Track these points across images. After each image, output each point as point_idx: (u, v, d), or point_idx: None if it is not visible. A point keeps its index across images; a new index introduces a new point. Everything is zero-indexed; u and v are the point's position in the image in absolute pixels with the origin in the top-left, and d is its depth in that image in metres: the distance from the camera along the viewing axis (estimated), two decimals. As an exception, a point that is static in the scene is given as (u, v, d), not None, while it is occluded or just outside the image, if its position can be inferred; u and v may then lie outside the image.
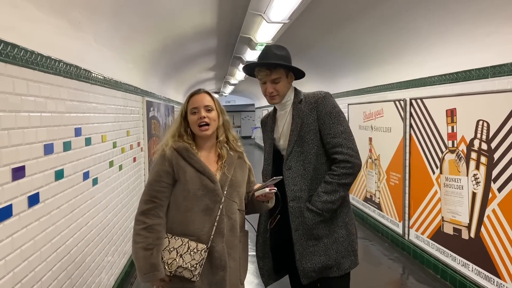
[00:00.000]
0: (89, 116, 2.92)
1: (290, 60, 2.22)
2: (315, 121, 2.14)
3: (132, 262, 4.03)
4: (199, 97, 1.99)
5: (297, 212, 2.12)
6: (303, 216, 2.10)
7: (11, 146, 1.86)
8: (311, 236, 2.11)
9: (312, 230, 2.10)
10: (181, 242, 1.86)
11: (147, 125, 5.13)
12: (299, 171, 2.14)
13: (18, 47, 1.91)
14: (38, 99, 2.13)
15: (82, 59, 2.82)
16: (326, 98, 2.17)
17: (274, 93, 2.19)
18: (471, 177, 3.34)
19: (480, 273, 3.25)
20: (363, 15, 4.09)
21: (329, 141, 2.12)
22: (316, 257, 2.10)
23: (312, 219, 2.10)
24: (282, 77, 2.17)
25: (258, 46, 5.43)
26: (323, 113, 2.13)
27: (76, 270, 2.60)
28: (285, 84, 2.20)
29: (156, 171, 1.93)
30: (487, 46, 3.15)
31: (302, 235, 2.11)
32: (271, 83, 2.18)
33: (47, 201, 2.22)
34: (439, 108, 3.76)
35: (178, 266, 1.84)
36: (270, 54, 2.16)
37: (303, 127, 2.14)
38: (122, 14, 3.25)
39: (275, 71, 2.15)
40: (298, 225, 2.11)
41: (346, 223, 2.17)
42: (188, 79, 9.69)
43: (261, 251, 2.28)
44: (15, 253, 1.87)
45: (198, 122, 1.94)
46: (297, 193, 2.13)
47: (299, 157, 2.14)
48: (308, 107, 2.17)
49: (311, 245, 2.11)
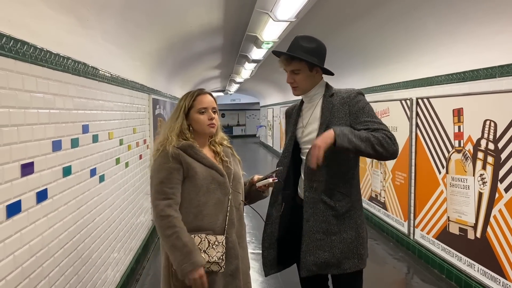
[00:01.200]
0: (96, 113, 2.94)
1: (320, 54, 2.14)
2: (346, 115, 2.07)
3: (138, 259, 4.06)
4: (207, 98, 2.04)
5: (311, 202, 2.08)
6: (316, 207, 2.07)
7: (20, 142, 1.88)
8: (320, 229, 2.07)
9: (322, 223, 2.07)
10: (199, 239, 1.87)
11: (153, 122, 5.15)
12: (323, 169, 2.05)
13: (27, 44, 1.92)
14: (47, 96, 2.15)
15: (90, 56, 2.84)
16: (359, 94, 2.12)
17: (294, 84, 2.16)
18: (478, 177, 3.33)
19: (486, 274, 3.24)
20: (369, 14, 4.08)
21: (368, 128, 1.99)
22: (320, 252, 2.08)
23: (323, 212, 2.06)
24: (302, 69, 2.12)
25: (264, 44, 5.43)
26: (355, 108, 2.06)
27: (83, 266, 2.62)
28: (306, 77, 2.14)
29: (165, 169, 1.90)
30: (495, 45, 3.13)
31: (312, 226, 2.08)
32: (291, 73, 2.15)
33: (55, 197, 2.24)
34: (446, 108, 3.74)
35: (206, 262, 1.85)
36: (295, 45, 2.13)
37: (332, 121, 2.07)
38: (129, 11, 3.27)
39: (294, 62, 2.11)
40: (310, 216, 2.08)
41: (357, 225, 2.13)
42: (194, 77, 9.71)
43: (268, 241, 2.25)
44: (23, 249, 1.89)
45: (208, 123, 2.01)
46: (314, 184, 2.08)
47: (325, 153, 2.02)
48: (340, 101, 2.10)
49: (318, 238, 2.08)
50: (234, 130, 24.51)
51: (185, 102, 2.03)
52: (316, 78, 2.19)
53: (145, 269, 4.13)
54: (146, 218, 4.71)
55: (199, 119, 2.00)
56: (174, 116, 2.03)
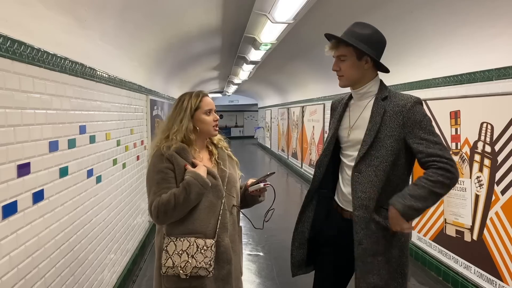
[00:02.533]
0: (93, 114, 2.93)
1: (373, 43, 1.94)
2: (399, 127, 1.88)
3: (134, 260, 4.06)
4: (209, 100, 2.04)
5: (362, 223, 1.90)
6: (368, 227, 1.89)
7: (17, 142, 1.87)
8: (371, 252, 1.91)
9: (374, 244, 1.90)
10: (188, 243, 1.84)
11: (151, 123, 5.15)
12: (370, 177, 1.89)
13: (24, 44, 1.92)
14: (44, 96, 2.14)
15: (88, 57, 2.84)
16: (417, 104, 1.90)
17: (340, 72, 1.99)
18: (474, 179, 3.34)
19: (482, 276, 3.25)
20: (367, 16, 4.09)
21: (421, 151, 1.85)
22: (370, 276, 1.91)
23: (375, 232, 1.89)
24: (349, 56, 1.95)
25: (263, 46, 5.43)
26: (411, 120, 1.87)
27: (79, 267, 2.61)
28: (353, 66, 1.96)
29: (160, 170, 1.88)
30: (492, 48, 3.14)
31: (366, 249, 1.90)
32: (337, 60, 2.00)
33: (52, 198, 2.23)
34: (443, 110, 3.76)
35: (193, 267, 1.83)
36: (349, 30, 1.98)
37: (382, 129, 1.90)
38: (128, 12, 3.27)
39: (341, 47, 1.96)
40: (363, 238, 1.90)
41: (401, 242, 1.97)
42: (192, 78, 9.71)
43: (298, 241, 2.17)
44: (19, 249, 1.89)
45: (214, 124, 2.00)
46: (364, 202, 1.90)
47: (372, 162, 1.90)
48: (394, 109, 1.91)
49: (369, 262, 1.91)
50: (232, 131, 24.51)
51: (190, 102, 1.97)
52: (367, 71, 1.99)
53: (142, 270, 4.12)
54: (143, 219, 4.70)
55: (206, 120, 1.98)
56: (178, 117, 1.97)
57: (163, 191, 1.84)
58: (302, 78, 8.76)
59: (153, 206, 1.82)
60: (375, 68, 2.02)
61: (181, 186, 1.82)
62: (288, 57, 7.39)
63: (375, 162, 1.90)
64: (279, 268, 4.13)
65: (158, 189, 1.85)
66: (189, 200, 1.82)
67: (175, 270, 1.83)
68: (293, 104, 10.77)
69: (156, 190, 1.85)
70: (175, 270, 1.83)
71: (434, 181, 1.79)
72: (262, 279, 3.91)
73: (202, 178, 1.84)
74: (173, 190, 1.83)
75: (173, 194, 1.81)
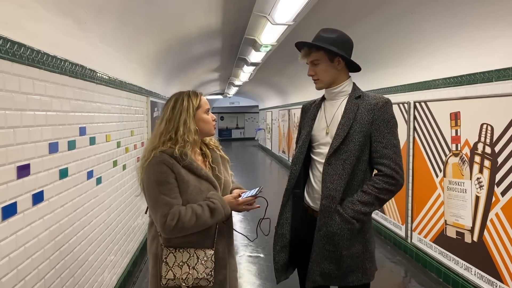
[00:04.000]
0: (93, 115, 2.94)
1: (341, 45, 2.03)
2: (369, 123, 1.98)
3: (135, 262, 4.06)
4: (205, 99, 2.00)
5: (326, 211, 1.99)
6: (331, 217, 1.98)
7: (17, 144, 1.88)
8: (330, 241, 1.99)
9: (334, 236, 1.98)
10: (188, 254, 1.82)
11: (151, 125, 5.15)
12: (338, 170, 1.98)
13: (24, 46, 1.93)
14: (44, 98, 2.15)
15: (88, 59, 2.84)
16: (388, 104, 2.02)
17: (315, 76, 2.09)
18: (475, 180, 3.34)
19: (483, 277, 3.24)
20: (367, 18, 4.10)
21: (378, 150, 1.98)
22: (327, 263, 2.01)
23: (339, 224, 1.97)
24: (321, 59, 2.05)
25: (263, 47, 5.44)
26: (380, 118, 1.98)
27: (79, 268, 2.61)
28: (327, 68, 2.06)
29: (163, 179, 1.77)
30: (492, 50, 3.15)
31: (323, 236, 2.00)
32: (311, 65, 2.09)
33: (51, 199, 2.23)
34: (443, 111, 3.76)
35: (194, 278, 1.81)
36: (317, 36, 2.06)
37: (354, 125, 1.99)
38: (127, 14, 3.27)
39: (313, 53, 2.05)
40: (322, 225, 1.99)
41: (366, 240, 2.06)
42: (192, 80, 9.72)
43: (279, 244, 2.17)
44: (19, 251, 1.89)
45: (213, 123, 1.99)
46: (331, 192, 1.98)
47: (341, 156, 1.98)
48: (366, 106, 2.01)
49: (327, 249, 2.00)
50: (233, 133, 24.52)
51: (191, 102, 1.88)
52: (340, 72, 2.09)
53: (142, 271, 4.12)
54: (143, 221, 4.71)
55: (206, 119, 1.94)
56: (181, 118, 1.85)
57: (174, 201, 1.76)
58: (302, 80, 8.76)
59: (169, 218, 1.72)
60: (347, 68, 2.12)
61: (206, 209, 1.78)
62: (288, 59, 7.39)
63: (344, 156, 1.99)
64: (280, 269, 4.12)
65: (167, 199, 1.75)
66: (208, 224, 1.81)
67: (177, 282, 1.81)
68: (293, 106, 10.78)
69: (165, 201, 1.75)
70: (177, 282, 1.81)
71: (379, 188, 1.96)
72: (262, 280, 3.90)
73: (228, 210, 1.84)
74: (195, 209, 1.76)
75: (195, 214, 1.76)
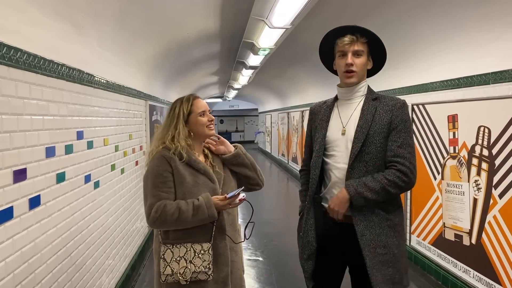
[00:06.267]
0: (91, 119, 2.94)
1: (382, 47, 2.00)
2: (388, 124, 1.93)
3: (133, 266, 4.05)
4: (202, 102, 2.06)
5: (361, 215, 1.93)
6: (369, 220, 1.93)
7: (13, 148, 1.88)
8: (380, 243, 1.92)
9: (380, 236, 1.91)
10: (185, 249, 1.86)
11: (150, 129, 5.16)
12: (361, 172, 1.93)
13: (21, 50, 1.93)
14: (41, 102, 2.15)
15: (86, 63, 2.85)
16: (405, 105, 1.98)
17: (353, 67, 1.95)
18: (472, 183, 3.34)
19: (481, 280, 3.24)
20: (365, 21, 4.10)
21: (392, 149, 1.91)
22: (385, 268, 1.91)
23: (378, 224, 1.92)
24: (365, 52, 1.97)
25: (261, 51, 5.45)
26: (398, 118, 1.93)
27: (76, 272, 2.61)
28: (365, 64, 1.99)
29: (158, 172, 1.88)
30: (489, 52, 3.15)
31: (370, 240, 1.91)
32: (352, 55, 1.95)
33: (48, 203, 2.24)
34: (441, 114, 3.76)
35: (192, 272, 1.84)
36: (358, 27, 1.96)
37: (373, 127, 1.94)
38: (125, 19, 3.28)
39: (360, 42, 1.94)
40: (364, 229, 1.92)
41: (404, 238, 2.04)
42: (191, 84, 9.73)
43: (307, 252, 2.10)
44: (15, 255, 1.89)
45: (208, 123, 2.01)
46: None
47: (363, 158, 1.94)
48: (384, 108, 1.96)
49: (380, 253, 1.91)
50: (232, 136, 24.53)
51: (181, 108, 2.00)
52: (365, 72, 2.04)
53: (141, 275, 4.12)
54: (142, 224, 4.70)
55: (202, 121, 1.99)
56: (171, 124, 1.98)
57: (163, 195, 1.85)
58: (301, 83, 8.79)
59: (153, 210, 1.83)
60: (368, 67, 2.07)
61: (190, 206, 1.83)
62: (287, 62, 7.42)
63: (366, 158, 1.94)
64: (278, 273, 4.12)
65: (157, 192, 1.86)
66: (192, 222, 1.84)
67: (175, 277, 1.84)
68: (293, 109, 10.79)
69: (155, 193, 1.86)
70: (175, 277, 1.84)
71: (390, 180, 1.88)
72: (261, 284, 3.90)
73: (212, 211, 1.84)
74: (180, 204, 1.83)
75: (178, 208, 1.82)
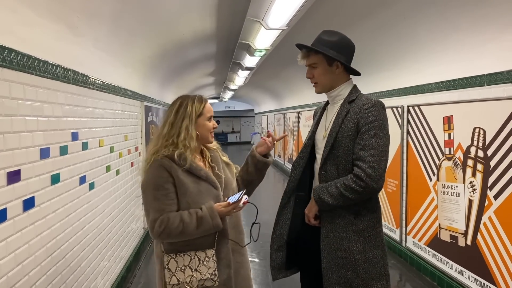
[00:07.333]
0: (86, 120, 2.93)
1: (341, 48, 2.01)
2: (355, 126, 1.94)
3: (129, 267, 4.03)
4: (210, 106, 1.99)
5: (329, 216, 1.99)
6: (334, 222, 1.98)
7: (7, 150, 1.86)
8: (341, 247, 1.96)
9: (343, 240, 1.95)
10: (189, 257, 1.82)
11: (146, 130, 5.14)
12: (333, 175, 1.98)
13: (15, 51, 1.92)
14: (35, 103, 2.14)
15: (81, 64, 2.84)
16: (374, 106, 1.95)
17: (313, 79, 2.07)
18: (468, 184, 3.35)
19: (477, 281, 3.25)
20: (361, 22, 4.11)
21: (355, 152, 1.92)
22: (343, 271, 1.95)
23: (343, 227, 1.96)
24: (319, 63, 2.03)
25: (257, 52, 5.45)
26: (364, 119, 1.92)
27: (71, 274, 2.59)
28: (325, 72, 2.03)
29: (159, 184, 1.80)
30: (484, 54, 3.17)
31: (332, 243, 1.98)
32: (309, 68, 2.07)
33: (43, 205, 2.22)
34: (436, 115, 3.77)
35: (198, 280, 1.81)
36: (317, 39, 2.05)
37: (342, 130, 1.97)
38: (121, 19, 3.27)
39: (312, 56, 2.04)
40: (328, 232, 1.98)
41: (383, 244, 2.03)
42: (188, 84, 9.72)
43: (277, 244, 2.15)
44: (9, 257, 1.87)
45: (212, 130, 1.97)
46: None
47: (334, 161, 1.97)
48: (354, 110, 1.97)
49: (340, 256, 1.96)
50: (228, 137, 24.52)
51: (194, 108, 1.89)
52: (338, 76, 2.06)
53: (136, 277, 4.10)
54: (137, 226, 4.69)
55: (208, 126, 1.94)
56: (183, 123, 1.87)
57: (166, 208, 1.78)
58: (297, 84, 8.79)
59: (157, 224, 1.76)
60: (346, 72, 2.09)
61: (194, 217, 1.77)
62: (283, 63, 7.41)
63: (336, 161, 1.98)
64: (274, 274, 4.11)
65: (159, 205, 1.78)
66: (196, 233, 1.80)
67: (181, 287, 1.81)
68: (288, 110, 10.79)
69: (157, 207, 1.78)
70: (181, 287, 1.81)
71: (346, 184, 1.90)
72: (257, 285, 3.89)
73: (217, 221, 1.80)
74: (184, 216, 1.77)
75: (182, 221, 1.76)
